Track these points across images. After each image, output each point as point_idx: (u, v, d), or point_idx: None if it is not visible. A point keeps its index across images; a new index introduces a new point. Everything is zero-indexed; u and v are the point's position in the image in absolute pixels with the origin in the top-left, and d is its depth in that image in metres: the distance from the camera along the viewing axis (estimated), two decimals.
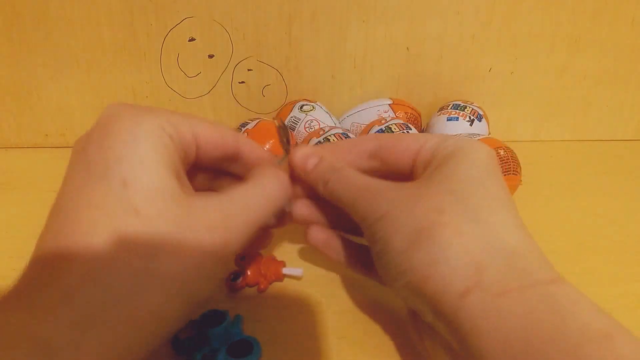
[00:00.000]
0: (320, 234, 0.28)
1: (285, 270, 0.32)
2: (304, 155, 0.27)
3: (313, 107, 0.46)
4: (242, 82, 0.50)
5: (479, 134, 0.43)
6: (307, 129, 0.45)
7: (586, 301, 0.18)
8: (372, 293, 0.31)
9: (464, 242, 0.20)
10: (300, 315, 0.29)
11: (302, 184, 0.28)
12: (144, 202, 0.19)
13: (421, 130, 0.49)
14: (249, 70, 0.49)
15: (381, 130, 0.41)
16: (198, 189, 0.27)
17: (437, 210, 0.21)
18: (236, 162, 0.27)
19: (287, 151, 0.29)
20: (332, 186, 0.25)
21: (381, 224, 0.22)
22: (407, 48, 0.49)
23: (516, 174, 0.38)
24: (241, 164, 0.27)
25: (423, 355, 0.24)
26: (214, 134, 0.24)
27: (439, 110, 0.48)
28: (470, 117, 0.45)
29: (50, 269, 0.18)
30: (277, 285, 0.32)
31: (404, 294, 0.22)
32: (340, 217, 0.28)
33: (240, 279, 0.31)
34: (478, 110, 0.46)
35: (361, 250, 0.28)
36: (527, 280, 0.19)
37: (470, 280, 0.19)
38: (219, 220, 0.21)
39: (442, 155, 0.24)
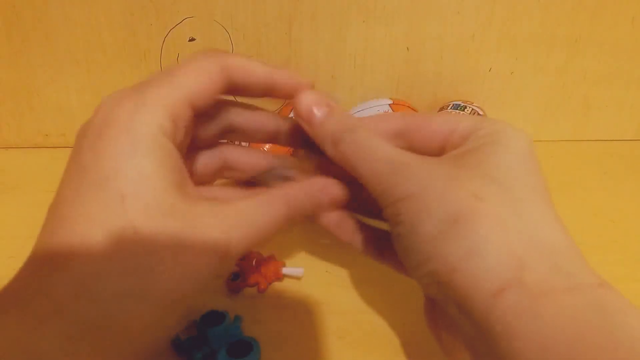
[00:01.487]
0: (333, 214, 0.26)
1: (285, 270, 0.32)
2: (310, 102, 0.23)
3: None
4: None
5: None
6: None
7: (635, 311, 0.16)
8: (373, 293, 0.31)
9: (505, 235, 0.18)
10: (300, 315, 0.29)
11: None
12: (142, 219, 0.18)
13: None
14: None
15: None
16: (203, 172, 0.25)
17: (476, 197, 0.19)
18: (272, 93, 0.24)
19: None
20: (346, 149, 0.22)
21: (408, 204, 0.20)
22: (407, 48, 0.49)
23: None
24: (277, 94, 0.24)
25: (440, 346, 0.23)
26: (246, 64, 0.23)
27: (439, 110, 0.48)
28: None
29: (43, 275, 0.17)
30: (277, 285, 0.32)
31: (425, 281, 0.20)
32: (351, 185, 0.25)
33: (240, 279, 0.31)
34: (478, 110, 0.46)
35: (376, 234, 0.26)
36: (572, 282, 0.17)
37: (508, 278, 0.17)
38: (219, 233, 0.20)
39: (478, 138, 0.21)
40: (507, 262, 0.18)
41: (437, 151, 0.23)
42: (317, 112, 0.23)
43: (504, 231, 0.18)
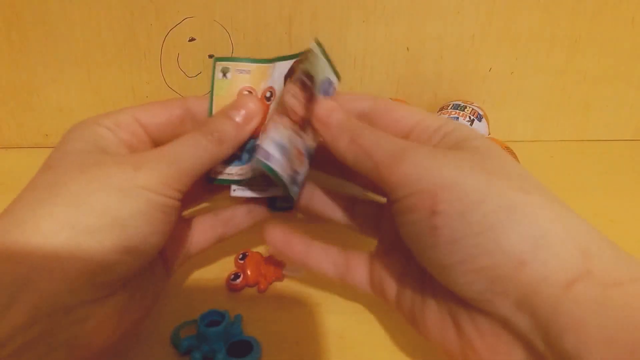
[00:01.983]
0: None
1: (285, 270, 0.32)
2: (329, 108, 0.26)
3: None
4: None
5: None
6: None
7: None
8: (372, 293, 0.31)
9: (566, 226, 0.18)
10: (300, 315, 0.29)
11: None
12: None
13: None
14: None
15: None
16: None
17: (523, 189, 0.19)
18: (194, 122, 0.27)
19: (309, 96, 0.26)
20: (364, 141, 0.23)
21: (448, 193, 0.19)
22: (407, 48, 0.49)
23: None
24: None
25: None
26: (156, 108, 0.26)
27: (439, 110, 0.48)
28: (470, 117, 0.45)
29: None
30: (277, 285, 0.32)
31: (471, 278, 0.19)
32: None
33: (240, 279, 0.31)
34: (478, 110, 0.46)
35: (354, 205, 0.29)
36: (635, 272, 0.17)
37: (579, 269, 0.17)
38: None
39: (460, 139, 0.22)
40: (575, 253, 0.17)
41: (399, 137, 0.24)
42: (334, 116, 0.25)
43: (562, 223, 0.18)
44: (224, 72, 0.28)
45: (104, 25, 0.46)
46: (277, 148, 0.25)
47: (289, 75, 0.27)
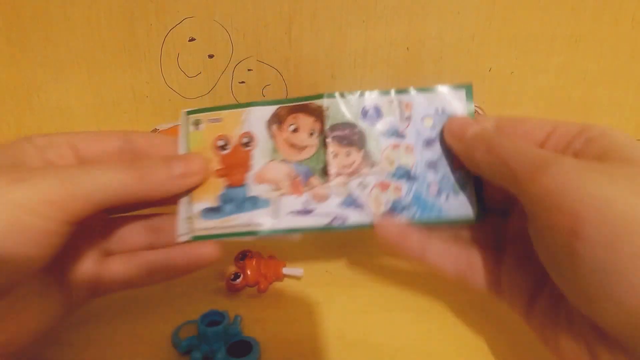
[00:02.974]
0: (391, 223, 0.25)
1: (285, 270, 0.32)
2: (463, 122, 0.25)
3: None
4: (242, 82, 0.49)
5: None
6: None
7: None
8: (373, 293, 0.31)
9: None
10: (300, 315, 0.29)
11: None
12: None
13: None
14: (249, 70, 0.49)
15: None
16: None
17: None
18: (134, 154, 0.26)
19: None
20: (502, 150, 0.21)
21: (590, 217, 0.17)
22: (407, 48, 0.49)
23: None
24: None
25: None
26: (94, 135, 0.25)
27: None
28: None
29: None
30: (277, 285, 0.32)
31: (609, 315, 0.17)
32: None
33: (240, 279, 0.31)
34: (478, 110, 0.46)
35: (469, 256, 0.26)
36: None
37: None
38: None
39: (609, 147, 0.19)
40: None
41: None
42: (470, 129, 0.24)
43: None
44: (196, 124, 0.27)
45: (104, 25, 0.46)
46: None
47: (276, 122, 0.27)
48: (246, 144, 0.27)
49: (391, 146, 0.26)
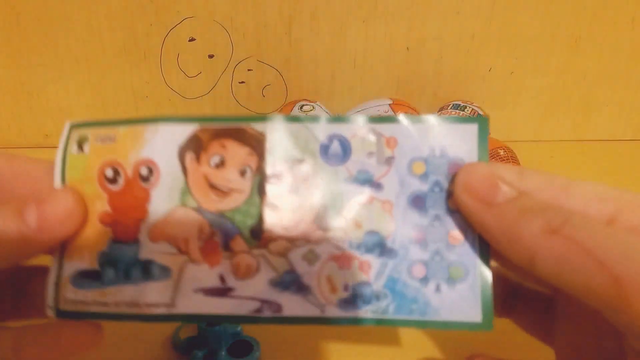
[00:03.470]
0: None
1: None
2: (494, 175, 0.16)
3: (313, 107, 0.46)
4: (242, 82, 0.50)
5: None
6: None
7: None
8: None
9: None
10: None
11: None
12: None
13: None
14: (249, 70, 0.49)
15: None
16: None
17: None
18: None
19: None
20: (580, 234, 0.13)
21: None
22: (407, 48, 0.49)
23: None
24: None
25: None
26: None
27: (439, 110, 0.48)
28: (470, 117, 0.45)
29: None
30: None
31: None
32: None
33: None
34: (478, 110, 0.46)
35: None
36: None
37: None
38: None
39: None
40: None
41: None
42: (501, 192, 0.15)
43: None
44: (80, 144, 0.18)
45: (104, 25, 0.46)
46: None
47: (193, 150, 0.18)
48: (145, 178, 0.18)
49: (361, 201, 0.17)
